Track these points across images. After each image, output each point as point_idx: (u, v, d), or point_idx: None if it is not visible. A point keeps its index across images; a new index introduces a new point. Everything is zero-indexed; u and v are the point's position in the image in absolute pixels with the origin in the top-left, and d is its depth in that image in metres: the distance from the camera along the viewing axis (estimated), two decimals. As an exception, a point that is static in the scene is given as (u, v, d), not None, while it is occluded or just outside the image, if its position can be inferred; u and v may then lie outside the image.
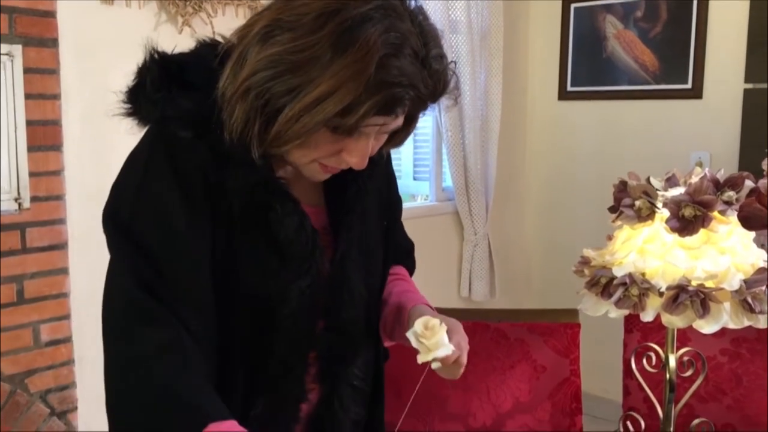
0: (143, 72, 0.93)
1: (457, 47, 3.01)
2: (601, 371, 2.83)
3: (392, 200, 1.19)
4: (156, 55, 0.93)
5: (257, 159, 0.90)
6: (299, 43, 0.83)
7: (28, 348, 1.97)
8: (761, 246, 1.31)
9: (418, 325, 0.98)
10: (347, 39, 0.82)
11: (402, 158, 3.26)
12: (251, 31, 0.88)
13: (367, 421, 1.16)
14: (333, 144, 0.91)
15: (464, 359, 1.02)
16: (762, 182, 1.12)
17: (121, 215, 0.93)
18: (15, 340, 1.94)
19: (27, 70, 1.91)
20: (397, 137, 0.99)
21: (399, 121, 0.92)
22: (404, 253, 1.28)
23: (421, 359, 0.97)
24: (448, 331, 0.98)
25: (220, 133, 0.89)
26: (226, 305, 0.96)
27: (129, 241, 0.92)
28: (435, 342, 0.97)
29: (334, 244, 1.04)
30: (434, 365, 0.98)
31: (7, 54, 1.87)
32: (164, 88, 0.91)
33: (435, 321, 0.98)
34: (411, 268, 1.29)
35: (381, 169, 1.10)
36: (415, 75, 0.85)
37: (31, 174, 1.93)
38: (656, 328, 1.65)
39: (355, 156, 0.92)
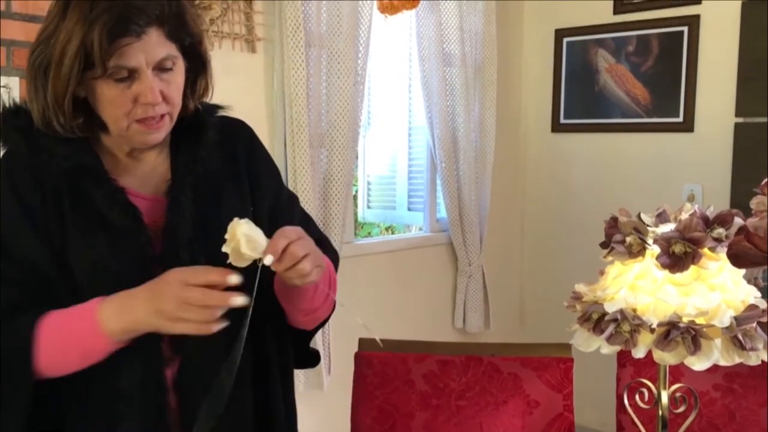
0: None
1: (451, 80, 3.05)
2: (596, 404, 2.82)
3: (263, 192, 1.24)
4: (10, 103, 1.15)
5: (66, 131, 1.07)
6: (45, 25, 1.06)
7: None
8: (749, 281, 1.32)
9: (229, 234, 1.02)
10: (65, 6, 1.03)
11: (397, 189, 3.27)
12: None
13: (262, 400, 1.21)
14: (122, 95, 1.06)
15: (291, 251, 1.04)
16: (750, 221, 1.13)
17: None
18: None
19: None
20: (199, 83, 1.16)
21: (158, 49, 1.05)
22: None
23: (235, 262, 1.02)
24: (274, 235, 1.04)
25: (40, 133, 1.08)
26: (71, 280, 1.08)
27: None
28: (237, 241, 1.00)
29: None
30: (266, 261, 1.01)
31: (4, 86, 1.89)
32: (10, 118, 1.13)
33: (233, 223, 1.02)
34: (330, 257, 1.26)
35: (215, 152, 1.19)
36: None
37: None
38: (649, 362, 1.64)
39: (148, 95, 1.05)
